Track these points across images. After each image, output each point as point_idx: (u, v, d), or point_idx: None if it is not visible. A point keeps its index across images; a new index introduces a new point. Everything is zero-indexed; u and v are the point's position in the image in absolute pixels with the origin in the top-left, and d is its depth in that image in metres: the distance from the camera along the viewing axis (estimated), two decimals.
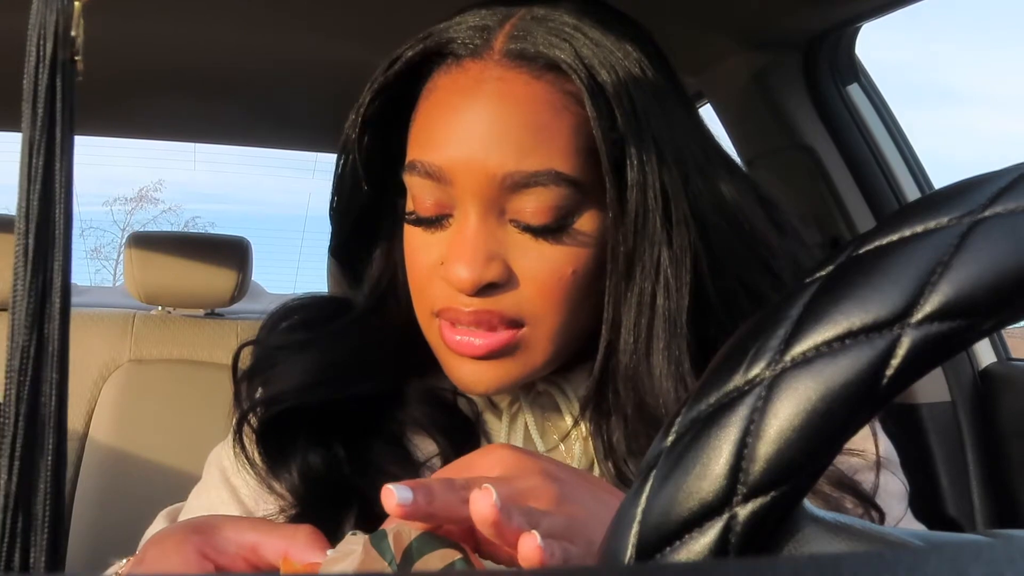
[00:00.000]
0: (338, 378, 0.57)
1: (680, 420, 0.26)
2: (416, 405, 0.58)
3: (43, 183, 0.28)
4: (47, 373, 0.27)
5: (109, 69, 1.28)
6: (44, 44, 0.29)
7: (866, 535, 0.25)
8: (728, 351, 0.26)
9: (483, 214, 0.52)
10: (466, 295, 0.52)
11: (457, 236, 0.52)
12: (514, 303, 0.52)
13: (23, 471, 0.26)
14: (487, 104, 0.51)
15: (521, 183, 0.51)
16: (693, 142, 0.55)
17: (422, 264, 0.55)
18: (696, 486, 0.24)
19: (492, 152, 0.50)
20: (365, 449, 0.56)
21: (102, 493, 1.50)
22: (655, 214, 0.52)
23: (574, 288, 0.53)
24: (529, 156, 0.50)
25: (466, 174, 0.51)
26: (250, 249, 1.77)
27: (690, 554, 0.24)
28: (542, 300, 0.52)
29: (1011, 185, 0.24)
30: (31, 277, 0.27)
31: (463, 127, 0.51)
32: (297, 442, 0.55)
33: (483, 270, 0.51)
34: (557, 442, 0.59)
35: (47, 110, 0.28)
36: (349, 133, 0.58)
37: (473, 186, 0.51)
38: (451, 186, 0.52)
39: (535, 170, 0.50)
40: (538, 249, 0.52)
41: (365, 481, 0.53)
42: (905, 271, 0.24)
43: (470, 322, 0.52)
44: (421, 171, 0.53)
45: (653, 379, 0.53)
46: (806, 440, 0.24)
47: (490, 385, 0.54)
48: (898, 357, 0.23)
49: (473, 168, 0.51)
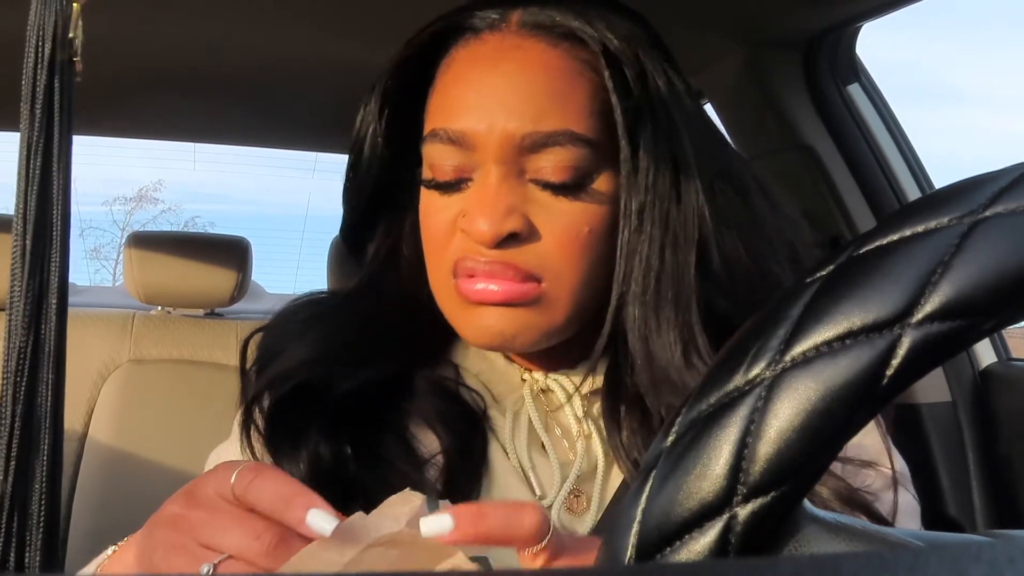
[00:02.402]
0: (342, 352, 0.57)
1: (680, 420, 0.26)
2: (423, 396, 0.58)
3: (41, 185, 0.28)
4: (43, 374, 0.27)
5: (109, 69, 1.28)
6: (43, 46, 0.29)
7: (866, 535, 0.25)
8: (728, 351, 0.26)
9: (503, 174, 0.54)
10: (486, 247, 0.53)
11: (478, 192, 0.54)
12: (533, 257, 0.54)
13: (19, 471, 0.26)
14: (506, 71, 0.54)
15: (539, 143, 0.53)
16: (697, 117, 0.59)
17: (439, 225, 0.56)
18: (696, 486, 0.24)
19: (512, 115, 0.53)
20: (373, 443, 0.56)
21: (102, 493, 1.50)
22: (665, 172, 0.55)
23: (590, 246, 0.55)
24: (547, 118, 0.53)
25: (487, 137, 0.53)
26: (250, 249, 1.77)
27: (690, 554, 0.24)
28: (560, 255, 0.54)
29: (1011, 185, 0.24)
30: (28, 278, 0.27)
31: (484, 94, 0.54)
32: (309, 430, 0.54)
33: (503, 220, 0.53)
34: (560, 438, 0.59)
35: (45, 111, 0.28)
36: (369, 105, 0.61)
37: (494, 148, 0.53)
38: (473, 150, 0.54)
39: (552, 130, 0.53)
40: (557, 206, 0.54)
41: (372, 477, 0.53)
42: (905, 271, 0.24)
43: (489, 273, 0.53)
44: (443, 138, 0.55)
45: (662, 331, 0.54)
46: (806, 440, 0.24)
47: (511, 333, 0.54)
48: (898, 357, 0.23)
49: (494, 131, 0.53)
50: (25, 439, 0.26)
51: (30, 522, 0.26)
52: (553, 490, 0.57)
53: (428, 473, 0.55)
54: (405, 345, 0.60)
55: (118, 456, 1.53)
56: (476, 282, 0.54)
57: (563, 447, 0.59)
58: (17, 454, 0.26)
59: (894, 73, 31.30)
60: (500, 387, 0.61)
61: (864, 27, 1.14)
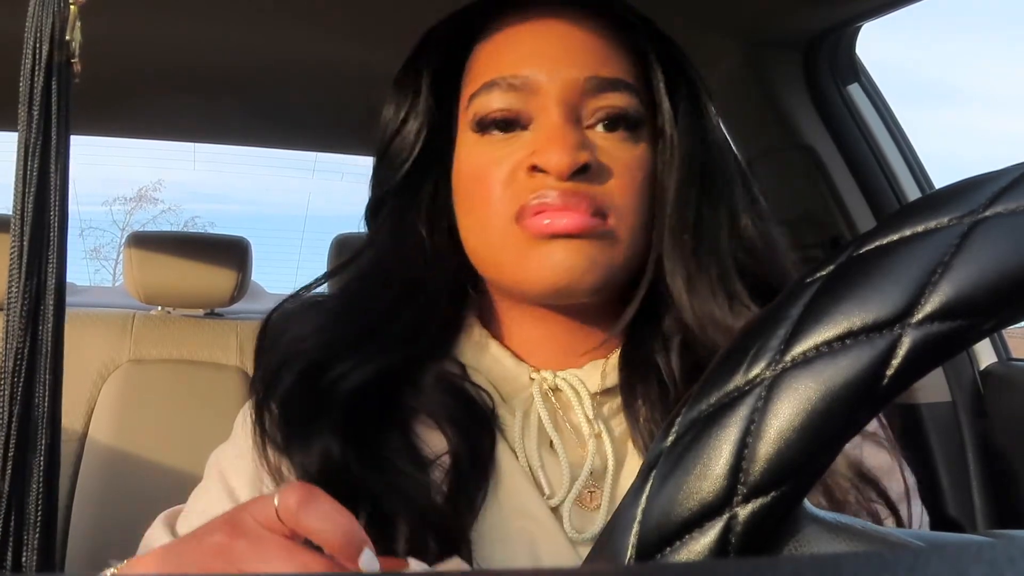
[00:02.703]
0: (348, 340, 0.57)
1: (680, 420, 0.26)
2: (432, 393, 0.58)
3: (38, 186, 0.28)
4: (41, 374, 0.27)
5: (109, 69, 1.28)
6: (40, 47, 0.29)
7: (866, 535, 0.25)
8: (728, 351, 0.26)
9: (565, 116, 0.56)
10: (561, 178, 0.54)
11: (545, 132, 0.56)
12: (600, 192, 0.56)
13: (16, 471, 0.26)
14: (562, 24, 0.58)
15: (599, 87, 0.56)
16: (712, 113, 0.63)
17: (498, 175, 0.57)
18: (696, 486, 0.24)
19: (575, 60, 0.57)
20: (377, 443, 0.55)
21: (102, 493, 1.50)
22: (699, 142, 0.59)
23: (644, 192, 0.58)
24: (605, 66, 0.57)
25: (551, 81, 0.56)
26: (250, 249, 1.77)
27: (690, 554, 0.24)
28: (623, 194, 0.56)
29: (1011, 185, 0.24)
30: (26, 279, 0.27)
31: (544, 41, 0.58)
32: (320, 426, 0.54)
33: (577, 152, 0.54)
34: (571, 437, 0.59)
35: (43, 113, 0.28)
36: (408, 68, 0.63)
37: (557, 91, 0.56)
38: (535, 95, 0.56)
39: (611, 76, 0.57)
40: (614, 151, 0.57)
41: (377, 479, 0.53)
42: (906, 271, 0.24)
43: (563, 206, 0.54)
44: (503, 86, 0.57)
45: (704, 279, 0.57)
46: (806, 440, 0.24)
47: (580, 269, 0.55)
48: (899, 357, 0.23)
49: (558, 74, 0.56)
50: (22, 439, 0.26)
51: (27, 522, 0.26)
52: (563, 490, 0.56)
53: (434, 474, 0.54)
54: (411, 334, 0.59)
55: (118, 456, 1.53)
56: (546, 217, 0.54)
57: (574, 446, 0.59)
58: (14, 454, 0.26)
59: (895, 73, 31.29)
60: (508, 386, 0.61)
61: (864, 27, 1.14)
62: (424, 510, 0.51)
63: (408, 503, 0.51)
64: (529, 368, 0.61)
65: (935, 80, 39.26)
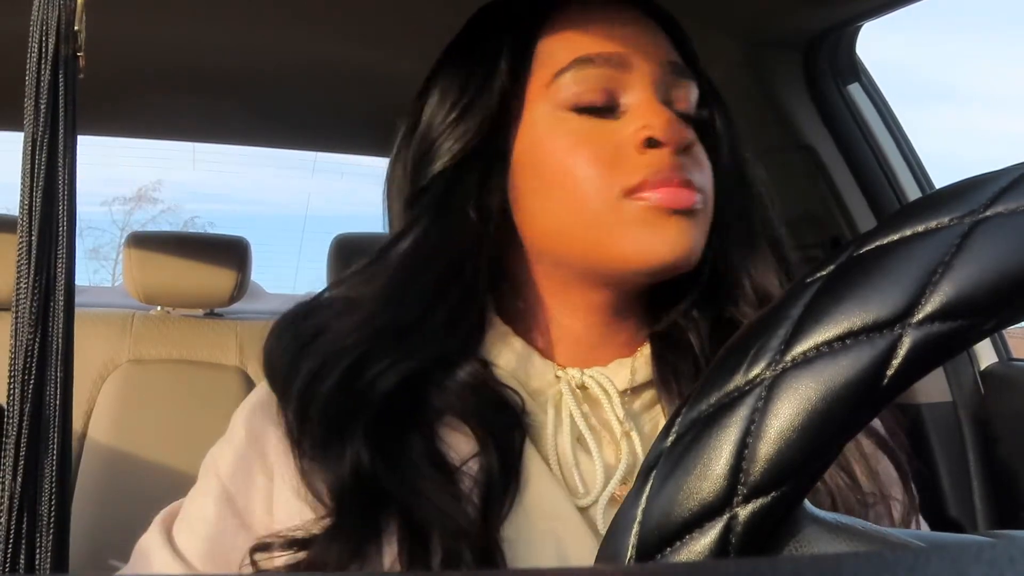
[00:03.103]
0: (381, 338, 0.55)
1: (680, 420, 0.26)
2: (460, 393, 0.55)
3: (46, 180, 0.28)
4: (51, 372, 0.27)
5: (108, 69, 1.28)
6: (46, 40, 0.29)
7: (867, 535, 0.25)
8: (728, 351, 0.26)
9: (661, 95, 0.58)
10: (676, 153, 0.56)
11: (650, 108, 0.57)
12: (695, 169, 0.57)
13: (28, 471, 0.26)
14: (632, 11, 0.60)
15: (679, 71, 0.59)
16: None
17: (601, 152, 0.57)
18: (696, 486, 0.24)
19: (657, 43, 0.59)
20: (406, 449, 0.53)
21: (101, 493, 1.50)
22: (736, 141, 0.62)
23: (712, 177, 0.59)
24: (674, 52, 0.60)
25: (643, 57, 0.58)
26: (249, 249, 1.77)
27: (690, 554, 0.24)
28: (706, 176, 0.58)
29: (1012, 185, 0.24)
30: (35, 275, 0.27)
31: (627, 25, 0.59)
32: (354, 431, 0.52)
33: (687, 129, 0.57)
34: (602, 435, 0.58)
35: (50, 106, 0.28)
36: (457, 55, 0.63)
37: (648, 68, 0.58)
38: (628, 71, 0.58)
39: (682, 63, 0.60)
40: (693, 136, 0.58)
41: (408, 490, 0.51)
42: (906, 271, 0.24)
43: (684, 181, 0.55)
44: (598, 61, 0.57)
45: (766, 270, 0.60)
46: (807, 440, 0.24)
47: (693, 246, 0.56)
48: (899, 357, 0.23)
49: (650, 51, 0.58)
50: (33, 439, 0.26)
51: (40, 522, 0.26)
52: (597, 489, 0.55)
53: (463, 482, 0.52)
54: (448, 329, 0.57)
55: (117, 456, 1.53)
56: (669, 187, 0.55)
57: (605, 445, 0.58)
58: (26, 454, 0.26)
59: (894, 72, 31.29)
60: (535, 384, 0.59)
61: (864, 26, 1.14)
62: (456, 523, 0.50)
63: (439, 515, 0.50)
64: (555, 366, 0.60)
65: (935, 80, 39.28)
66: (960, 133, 37.16)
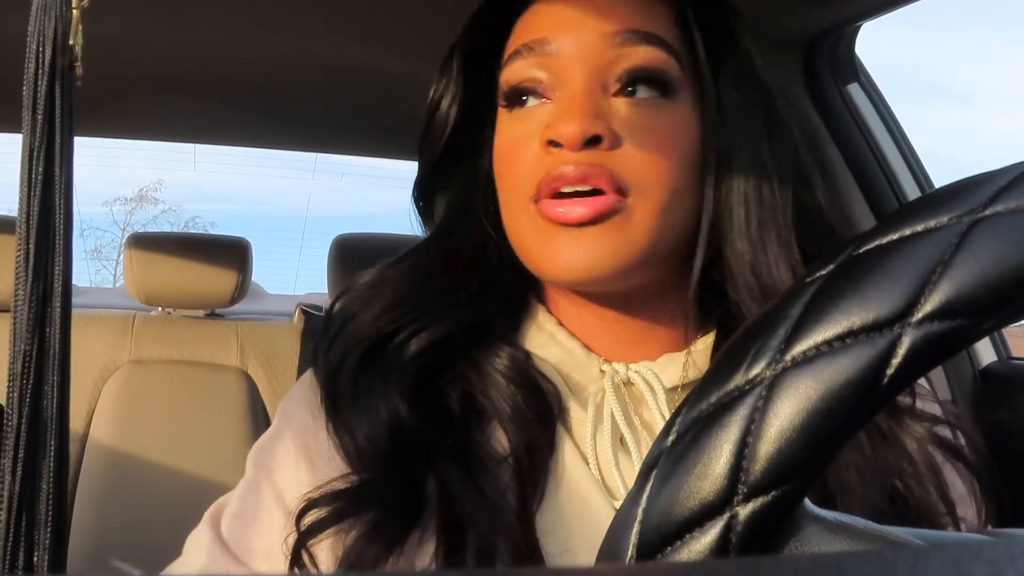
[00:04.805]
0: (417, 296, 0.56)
1: (681, 420, 0.26)
2: (497, 376, 0.55)
3: (43, 190, 0.28)
4: (49, 376, 0.27)
5: (110, 71, 1.28)
6: (43, 51, 0.29)
7: (867, 534, 0.25)
8: (728, 350, 0.26)
9: (587, 85, 0.52)
10: (574, 149, 0.51)
11: (564, 101, 0.53)
12: (620, 164, 0.51)
13: (26, 473, 0.26)
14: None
15: (627, 40, 0.52)
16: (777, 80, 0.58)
17: (519, 150, 0.54)
18: (697, 486, 0.24)
19: (601, 19, 0.53)
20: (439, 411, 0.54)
21: (103, 494, 1.50)
22: (755, 110, 0.55)
23: (678, 166, 0.53)
24: (632, 19, 0.53)
25: (571, 43, 0.53)
26: (250, 250, 1.77)
27: (691, 554, 0.24)
28: (646, 167, 0.52)
29: (1011, 184, 0.24)
30: (32, 282, 0.27)
31: (569, 4, 0.54)
32: (391, 388, 0.53)
33: (592, 121, 0.51)
34: (643, 435, 0.56)
35: (47, 116, 0.29)
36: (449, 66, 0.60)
37: (578, 55, 0.53)
38: (557, 61, 0.53)
39: (638, 28, 0.53)
40: (643, 120, 0.52)
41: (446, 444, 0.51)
42: (906, 270, 0.24)
43: (576, 179, 0.51)
44: (524, 51, 0.54)
45: (772, 266, 0.53)
46: (807, 439, 0.24)
47: (591, 260, 0.51)
48: (899, 356, 0.23)
49: (580, 36, 0.53)
50: (31, 441, 0.26)
51: (38, 523, 0.26)
52: None
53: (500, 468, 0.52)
54: (479, 300, 0.57)
55: (119, 457, 1.53)
56: (560, 204, 0.51)
57: (647, 444, 0.55)
58: (24, 456, 0.26)
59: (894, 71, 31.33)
60: (578, 377, 0.57)
61: (864, 26, 1.14)
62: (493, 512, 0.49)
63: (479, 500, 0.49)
64: (599, 359, 0.57)
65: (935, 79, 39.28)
66: (960, 132, 37.16)
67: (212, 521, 0.57)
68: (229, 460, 1.47)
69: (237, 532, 0.55)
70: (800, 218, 0.55)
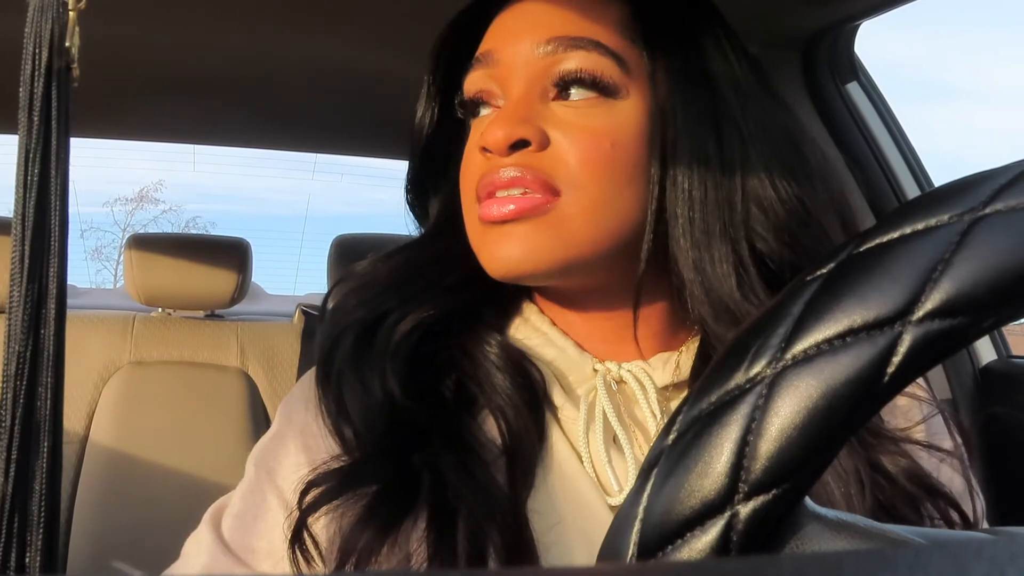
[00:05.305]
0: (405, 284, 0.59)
1: (681, 418, 0.26)
2: (490, 368, 0.57)
3: (39, 192, 0.28)
4: (43, 377, 0.27)
5: (111, 72, 1.28)
6: (40, 53, 0.29)
7: (868, 533, 0.25)
8: (729, 349, 0.26)
9: (526, 91, 0.55)
10: (500, 154, 0.53)
11: (501, 109, 0.56)
12: (551, 164, 0.53)
13: (19, 473, 0.26)
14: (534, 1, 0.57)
15: (564, 45, 0.54)
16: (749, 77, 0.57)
17: (469, 158, 0.57)
18: (698, 484, 0.24)
19: (538, 26, 0.55)
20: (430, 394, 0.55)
21: (103, 495, 1.50)
22: (703, 105, 0.55)
23: (613, 163, 0.53)
24: (572, 25, 0.54)
25: (513, 51, 0.55)
26: (250, 250, 1.77)
27: (692, 552, 0.24)
28: (579, 166, 0.53)
29: (1011, 182, 0.24)
30: (27, 283, 0.27)
31: (514, 15, 0.57)
32: (386, 370, 0.55)
33: (517, 126, 0.53)
34: (636, 433, 0.56)
35: (43, 119, 0.29)
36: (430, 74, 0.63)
37: (514, 63, 0.55)
38: (498, 66, 0.56)
39: (576, 35, 0.54)
40: (578, 121, 0.54)
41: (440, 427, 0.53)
42: (906, 268, 0.24)
43: (509, 181, 0.53)
44: (476, 63, 0.57)
45: (715, 263, 0.53)
46: (808, 438, 0.24)
47: (522, 257, 0.53)
48: (899, 354, 0.23)
49: (518, 43, 0.55)
50: (25, 442, 0.26)
51: (30, 524, 0.26)
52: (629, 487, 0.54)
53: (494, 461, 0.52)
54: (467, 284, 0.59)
55: (119, 458, 1.53)
56: (494, 203, 0.53)
57: (639, 443, 0.56)
58: (17, 456, 0.26)
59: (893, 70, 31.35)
60: (571, 376, 0.58)
61: (863, 25, 1.14)
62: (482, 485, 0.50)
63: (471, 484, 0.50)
64: (593, 358, 0.58)
65: (934, 78, 39.28)
66: (959, 131, 37.18)
67: (212, 522, 0.57)
68: (229, 461, 1.47)
69: (239, 532, 0.55)
70: (762, 212, 0.54)
